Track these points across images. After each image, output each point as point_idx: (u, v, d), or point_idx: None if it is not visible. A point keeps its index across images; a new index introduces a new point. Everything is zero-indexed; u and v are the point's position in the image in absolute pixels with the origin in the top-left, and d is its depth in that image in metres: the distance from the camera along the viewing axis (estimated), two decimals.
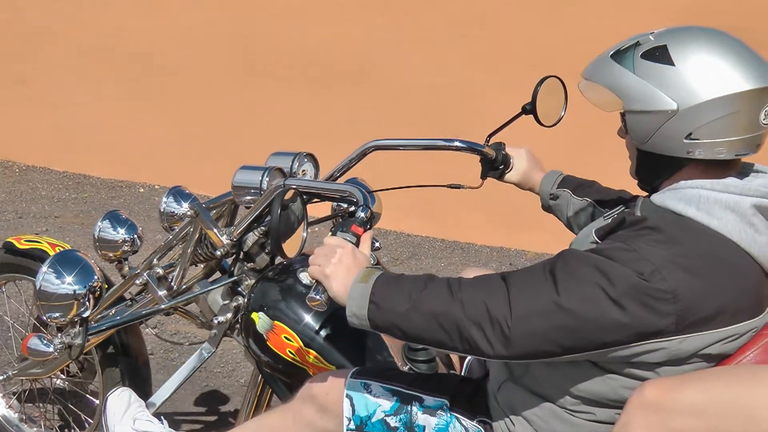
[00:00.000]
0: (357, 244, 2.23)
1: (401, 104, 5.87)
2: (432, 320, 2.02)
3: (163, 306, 2.76)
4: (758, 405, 1.89)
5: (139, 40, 6.43)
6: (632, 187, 2.41)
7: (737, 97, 2.02)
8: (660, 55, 2.06)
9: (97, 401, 3.25)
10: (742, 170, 2.16)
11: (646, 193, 2.22)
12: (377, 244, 2.70)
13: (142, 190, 6.51)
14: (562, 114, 2.74)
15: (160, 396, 2.80)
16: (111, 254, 2.94)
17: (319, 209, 2.79)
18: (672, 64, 2.05)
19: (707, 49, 2.05)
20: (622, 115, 2.15)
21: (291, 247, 2.40)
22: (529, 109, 2.68)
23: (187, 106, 6.41)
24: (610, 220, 2.20)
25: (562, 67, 4.99)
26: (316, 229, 3.02)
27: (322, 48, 6.01)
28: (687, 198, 2.05)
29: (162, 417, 2.76)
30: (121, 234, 2.93)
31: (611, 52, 2.15)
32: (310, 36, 6.01)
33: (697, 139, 2.04)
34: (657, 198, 2.11)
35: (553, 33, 5.46)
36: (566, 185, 2.80)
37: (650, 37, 2.11)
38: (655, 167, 2.15)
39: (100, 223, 2.93)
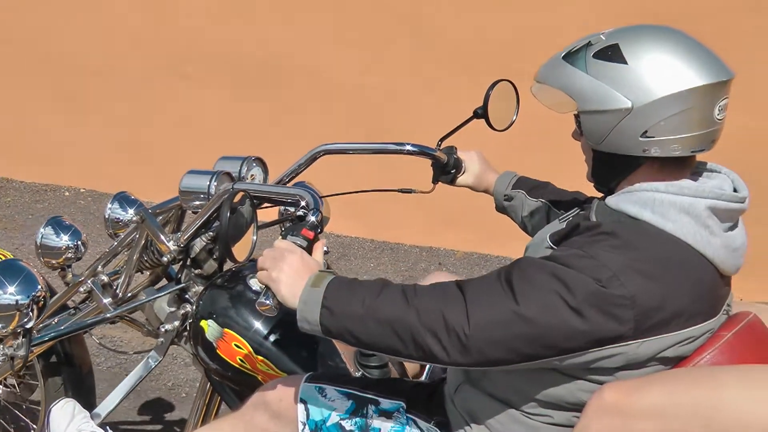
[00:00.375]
0: (308, 248, 2.20)
1: (334, 105, 5.85)
2: (386, 327, 1.98)
3: (108, 314, 2.70)
4: (717, 406, 1.90)
5: (62, 41, 6.32)
6: (585, 188, 2.41)
7: (690, 93, 2.02)
8: (612, 54, 2.06)
9: (34, 424, 3.18)
10: (696, 170, 2.17)
11: (600, 195, 2.22)
12: (325, 248, 2.68)
13: (67, 193, 6.42)
14: (514, 118, 2.74)
15: (105, 406, 2.73)
16: (54, 261, 2.87)
17: (267, 215, 2.76)
18: (625, 62, 2.04)
19: (659, 47, 2.05)
20: (577, 116, 2.15)
21: (240, 252, 2.36)
22: (481, 113, 2.67)
23: (113, 108, 6.33)
24: (564, 224, 2.20)
25: (493, 68, 5.03)
26: (268, 234, 2.98)
27: (252, 49, 5.97)
28: (642, 201, 2.04)
29: (108, 427, 2.71)
30: (64, 240, 2.86)
31: (563, 54, 2.14)
32: (240, 38, 5.96)
33: (653, 137, 2.04)
34: (612, 201, 2.11)
35: (481, 35, 5.48)
36: (521, 186, 2.80)
37: (601, 36, 2.10)
38: (612, 167, 2.14)
39: (42, 230, 2.86)
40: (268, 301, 2.11)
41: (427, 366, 2.67)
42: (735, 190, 2.14)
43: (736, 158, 2.64)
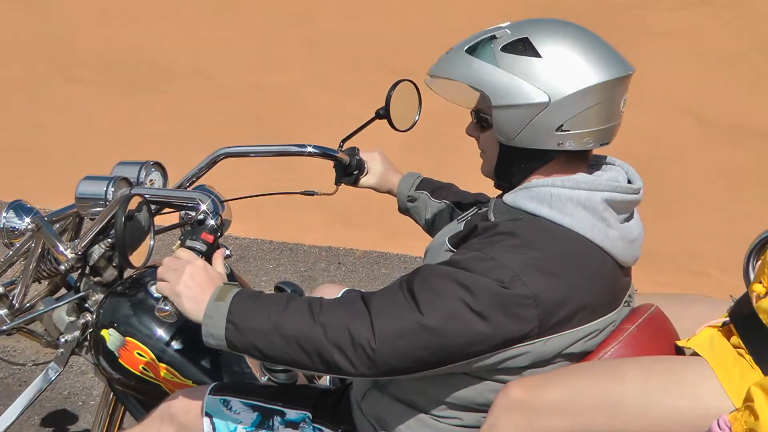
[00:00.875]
0: (208, 252, 2.18)
1: (229, 106, 5.81)
2: (293, 343, 1.97)
3: (5, 326, 2.61)
4: (622, 399, 1.93)
5: None
6: (489, 190, 2.41)
7: (604, 87, 2.04)
8: (523, 47, 2.04)
9: None
10: (592, 163, 2.19)
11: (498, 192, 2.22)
12: (228, 252, 2.65)
13: None
14: (416, 118, 2.73)
15: (4, 420, 2.66)
16: None
17: (169, 221, 2.72)
18: (539, 56, 2.03)
19: (569, 41, 2.06)
20: (478, 111, 2.14)
21: (138, 258, 2.32)
22: (383, 113, 2.65)
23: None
24: (462, 225, 2.19)
25: (385, 67, 5.03)
26: (171, 237, 2.94)
27: (143, 52, 5.87)
28: (539, 197, 2.05)
29: None
30: None
31: (465, 47, 2.10)
32: (130, 40, 5.87)
33: (568, 131, 2.04)
34: (509, 198, 2.10)
35: (372, 34, 5.47)
36: (424, 187, 2.79)
37: (506, 30, 2.08)
38: (521, 163, 2.12)
39: None
40: (167, 308, 2.08)
41: None
42: (630, 182, 2.16)
43: (630, 153, 2.67)
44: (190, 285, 2.05)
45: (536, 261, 1.95)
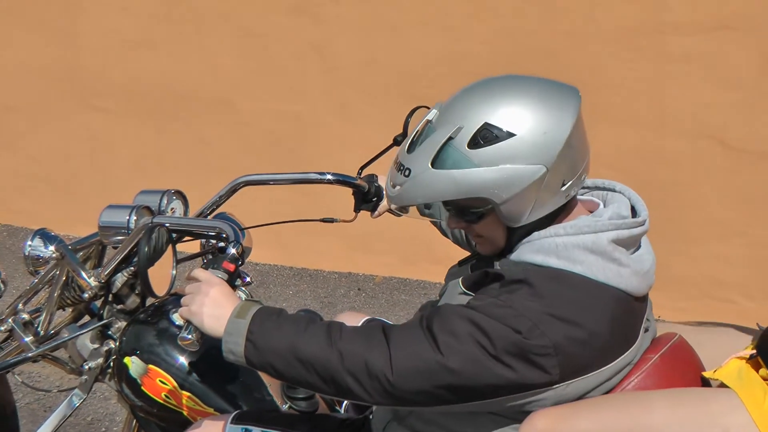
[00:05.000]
0: (229, 281, 2.19)
1: (249, 134, 5.83)
2: (309, 366, 1.98)
3: (30, 354, 2.62)
4: (651, 430, 1.92)
5: None
6: None
7: (576, 125, 2.00)
8: (490, 135, 1.97)
9: None
10: (590, 192, 2.20)
11: None
12: (248, 279, 2.67)
13: None
14: None
15: None
16: None
17: (191, 249, 2.74)
18: (511, 135, 1.96)
19: (523, 101, 1.99)
20: (464, 209, 2.06)
21: (161, 286, 2.34)
22: (401, 140, 2.65)
23: (26, 143, 6.24)
24: (470, 269, 2.17)
25: (402, 94, 5.02)
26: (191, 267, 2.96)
27: (164, 81, 5.90)
28: (545, 249, 2.01)
29: None
30: None
31: (428, 163, 2.00)
32: (151, 70, 5.89)
33: (569, 181, 2.02)
34: (514, 256, 2.06)
35: (388, 60, 5.49)
36: None
37: (458, 126, 1.98)
38: (532, 229, 2.06)
39: None
40: (189, 336, 2.10)
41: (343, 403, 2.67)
42: (634, 210, 2.14)
43: (653, 178, 2.66)
44: (209, 303, 2.07)
45: (553, 309, 1.93)
